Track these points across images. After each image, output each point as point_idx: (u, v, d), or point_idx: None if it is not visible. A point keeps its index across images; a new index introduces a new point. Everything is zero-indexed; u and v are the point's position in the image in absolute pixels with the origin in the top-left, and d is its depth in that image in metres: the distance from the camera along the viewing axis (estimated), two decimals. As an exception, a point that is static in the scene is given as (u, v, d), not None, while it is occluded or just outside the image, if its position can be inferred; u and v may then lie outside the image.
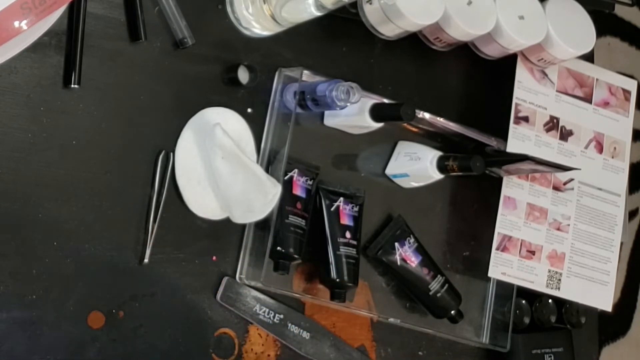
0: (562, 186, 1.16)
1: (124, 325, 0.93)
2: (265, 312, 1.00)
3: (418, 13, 1.00)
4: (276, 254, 0.99)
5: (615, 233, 1.19)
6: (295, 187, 1.01)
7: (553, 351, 1.16)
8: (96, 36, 0.92)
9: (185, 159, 0.96)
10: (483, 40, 1.10)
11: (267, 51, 1.02)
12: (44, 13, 0.82)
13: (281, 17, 0.97)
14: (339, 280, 1.02)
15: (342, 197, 1.04)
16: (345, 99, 0.97)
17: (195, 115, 0.97)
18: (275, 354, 1.02)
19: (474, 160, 1.04)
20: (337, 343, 1.04)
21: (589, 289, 1.16)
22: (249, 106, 1.01)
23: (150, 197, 0.94)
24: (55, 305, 0.89)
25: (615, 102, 1.21)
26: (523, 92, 1.14)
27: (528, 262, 1.13)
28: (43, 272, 0.89)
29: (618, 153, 1.20)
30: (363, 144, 1.08)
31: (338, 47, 1.07)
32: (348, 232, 1.03)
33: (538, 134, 1.14)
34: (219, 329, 0.99)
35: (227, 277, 0.99)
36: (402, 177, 1.09)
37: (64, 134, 0.90)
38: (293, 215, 1.00)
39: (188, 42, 0.95)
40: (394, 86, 1.11)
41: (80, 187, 0.91)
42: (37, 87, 0.89)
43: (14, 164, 0.88)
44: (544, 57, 1.12)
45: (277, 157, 1.00)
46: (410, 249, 1.08)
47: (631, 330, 2.13)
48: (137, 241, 0.94)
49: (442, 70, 1.15)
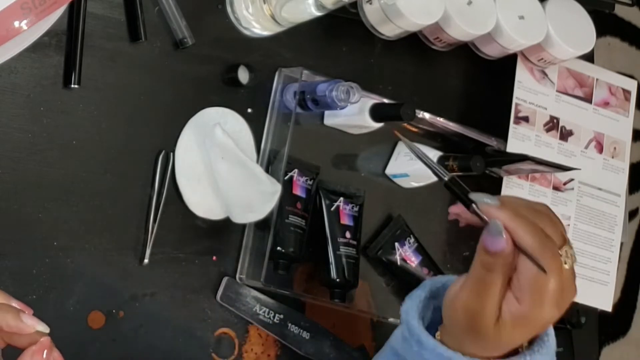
0: (562, 186, 1.16)
1: (124, 325, 0.93)
2: (265, 312, 1.00)
3: (418, 13, 1.01)
4: (276, 254, 0.99)
5: (615, 233, 1.19)
6: (295, 187, 1.01)
7: (553, 351, 1.16)
8: (96, 36, 0.92)
9: (185, 159, 0.96)
10: (483, 40, 1.10)
11: (267, 51, 1.02)
12: (44, 13, 0.82)
13: (281, 17, 0.97)
14: (339, 280, 1.02)
15: (342, 197, 1.04)
16: (345, 99, 0.97)
17: (195, 115, 0.97)
18: (275, 354, 1.02)
19: (474, 160, 1.04)
20: (337, 343, 1.04)
21: (589, 289, 1.16)
22: (249, 106, 1.01)
23: (150, 197, 0.94)
24: (55, 305, 0.89)
25: (615, 102, 1.21)
26: (523, 92, 1.14)
27: (528, 262, 1.12)
28: (43, 272, 0.89)
29: (618, 153, 1.20)
30: (363, 144, 1.08)
31: (338, 47, 1.07)
32: (348, 232, 1.03)
33: (538, 134, 1.14)
34: (219, 329, 0.99)
35: (227, 277, 0.99)
36: (402, 177, 1.09)
37: (64, 134, 0.90)
38: (293, 215, 1.00)
39: (188, 42, 0.95)
40: (394, 86, 1.11)
41: (80, 187, 0.91)
42: (37, 87, 0.89)
43: (14, 164, 0.88)
44: (544, 57, 1.12)
45: (277, 157, 1.00)
46: (410, 249, 1.08)
47: (631, 330, 2.14)
48: (137, 241, 0.94)
49: (442, 70, 1.15)
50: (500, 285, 0.72)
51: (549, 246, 0.71)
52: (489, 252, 0.72)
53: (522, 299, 0.72)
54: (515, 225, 0.72)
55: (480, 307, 0.73)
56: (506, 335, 0.73)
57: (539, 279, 0.71)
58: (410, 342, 0.78)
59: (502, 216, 0.72)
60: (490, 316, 0.73)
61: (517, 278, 0.72)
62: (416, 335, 0.78)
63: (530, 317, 0.72)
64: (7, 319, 0.68)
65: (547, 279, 0.71)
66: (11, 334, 0.68)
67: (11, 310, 0.69)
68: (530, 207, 0.75)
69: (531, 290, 0.71)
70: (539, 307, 0.72)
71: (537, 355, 0.76)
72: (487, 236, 0.72)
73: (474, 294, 0.73)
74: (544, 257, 0.71)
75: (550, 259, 0.71)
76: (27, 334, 0.68)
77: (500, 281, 0.72)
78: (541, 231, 0.72)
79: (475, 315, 0.73)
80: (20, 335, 0.68)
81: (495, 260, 0.72)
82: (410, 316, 0.79)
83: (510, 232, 0.72)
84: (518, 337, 0.74)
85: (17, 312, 0.68)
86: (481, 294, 0.73)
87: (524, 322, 0.72)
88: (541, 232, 0.72)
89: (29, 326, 0.68)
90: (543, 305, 0.72)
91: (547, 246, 0.71)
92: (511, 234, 0.72)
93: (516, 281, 0.72)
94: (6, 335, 0.69)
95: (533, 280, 0.71)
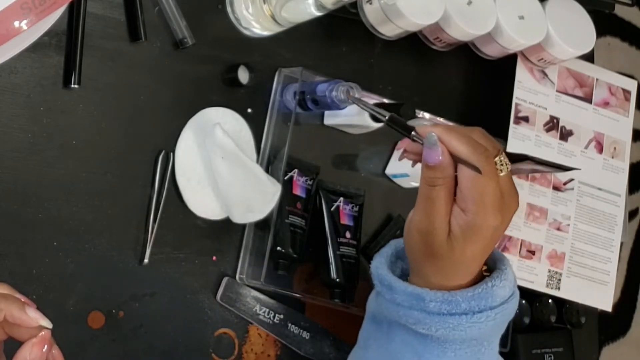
0: (562, 186, 1.16)
1: (124, 325, 0.93)
2: (265, 312, 1.00)
3: (418, 13, 1.01)
4: (276, 254, 0.99)
5: (615, 233, 1.19)
6: (295, 187, 1.01)
7: (553, 351, 1.16)
8: (96, 36, 0.92)
9: (185, 159, 0.96)
10: (483, 40, 1.10)
11: (267, 51, 1.02)
12: (44, 13, 0.82)
13: (281, 17, 0.97)
14: (339, 280, 1.02)
15: (342, 197, 1.04)
16: (345, 99, 0.97)
17: (195, 115, 0.97)
18: (275, 354, 1.02)
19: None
20: (337, 343, 1.04)
21: (589, 289, 1.16)
22: (249, 106, 1.01)
23: (150, 197, 0.94)
24: (55, 305, 0.89)
25: (615, 102, 1.21)
26: (523, 92, 1.14)
27: (528, 262, 1.13)
28: (43, 272, 0.89)
29: (618, 153, 1.20)
30: (363, 144, 1.08)
31: (338, 47, 1.07)
32: (348, 232, 1.03)
33: (538, 134, 1.14)
34: (219, 329, 0.99)
35: (227, 277, 0.99)
36: (402, 177, 1.09)
37: (64, 134, 0.90)
38: (293, 215, 1.00)
39: (188, 42, 0.95)
40: (394, 86, 1.11)
41: (80, 187, 0.91)
42: (37, 87, 0.89)
43: (14, 164, 0.88)
44: (544, 57, 1.12)
45: (277, 157, 1.00)
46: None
47: (631, 330, 2.14)
48: (137, 241, 0.94)
49: (442, 70, 1.15)
50: (445, 199, 0.78)
51: (481, 151, 0.77)
52: (428, 165, 0.77)
53: (466, 208, 0.77)
54: (449, 137, 0.77)
55: (430, 225, 0.78)
56: (459, 249, 0.78)
57: (478, 184, 0.76)
58: (382, 293, 0.83)
59: (437, 130, 0.77)
60: (440, 232, 0.78)
61: (459, 190, 0.77)
62: (387, 282, 0.83)
63: (476, 225, 0.77)
64: (11, 310, 0.68)
65: (485, 183, 0.76)
66: (13, 325, 0.69)
67: (16, 302, 0.69)
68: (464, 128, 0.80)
69: (472, 197, 0.76)
70: (482, 212, 0.76)
71: (497, 281, 0.80)
72: (425, 151, 0.77)
73: (423, 213, 0.78)
74: (478, 161, 0.76)
75: (485, 162, 0.76)
76: (29, 327, 0.68)
77: (444, 194, 0.77)
78: (473, 140, 0.77)
79: (427, 234, 0.78)
80: (22, 327, 0.68)
81: (435, 173, 0.77)
82: (379, 269, 0.84)
83: (445, 144, 0.77)
84: (470, 249, 0.78)
85: (22, 304, 0.69)
86: (429, 211, 0.78)
87: (472, 231, 0.77)
88: (473, 140, 0.77)
89: (32, 319, 0.69)
90: (486, 210, 0.76)
91: (479, 151, 0.76)
92: (446, 145, 0.77)
93: (459, 193, 0.77)
94: (8, 327, 0.69)
95: (472, 186, 0.76)
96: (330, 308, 1.04)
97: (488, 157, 0.77)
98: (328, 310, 1.04)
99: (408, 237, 0.81)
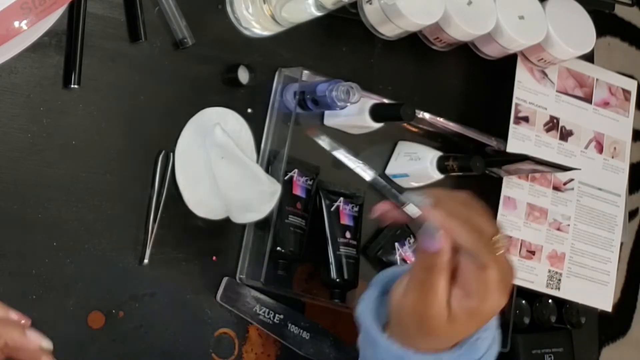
0: (562, 186, 1.16)
1: (124, 325, 0.93)
2: (265, 312, 1.00)
3: (418, 13, 1.01)
4: (276, 254, 0.99)
5: (615, 233, 1.19)
6: (295, 187, 1.01)
7: (553, 351, 1.16)
8: (96, 36, 0.92)
9: (185, 159, 0.96)
10: (483, 40, 1.10)
11: (267, 51, 1.02)
12: (44, 13, 0.82)
13: (281, 17, 0.97)
14: (339, 280, 1.02)
15: (342, 197, 1.04)
16: (345, 99, 0.97)
17: (195, 115, 0.97)
18: (275, 354, 1.02)
19: (474, 160, 1.04)
20: (337, 343, 1.04)
21: (589, 289, 1.16)
22: (249, 106, 1.00)
23: (150, 197, 0.94)
24: (55, 305, 0.89)
25: (615, 102, 1.21)
26: (523, 92, 1.14)
27: (528, 262, 1.13)
28: (43, 272, 0.89)
29: (618, 153, 1.20)
30: (363, 144, 1.08)
31: (338, 47, 1.07)
32: (348, 232, 1.03)
33: (538, 134, 1.14)
34: (219, 329, 0.99)
35: (227, 277, 0.99)
36: (402, 177, 1.09)
37: (64, 134, 0.90)
38: (293, 215, 1.00)
39: (188, 42, 0.95)
40: (394, 86, 1.11)
41: (80, 187, 0.91)
42: (37, 87, 0.89)
43: (14, 164, 0.88)
44: (544, 57, 1.12)
45: (277, 157, 1.00)
46: (410, 249, 1.08)
47: (631, 330, 2.14)
48: (137, 241, 0.94)
49: (442, 70, 1.15)
50: (444, 284, 0.75)
51: (483, 241, 0.75)
52: (428, 252, 0.75)
53: (470, 294, 0.75)
54: (451, 224, 0.75)
55: (429, 310, 0.76)
56: (461, 329, 0.77)
57: (482, 274, 0.74)
58: (366, 343, 0.82)
59: (437, 216, 0.75)
60: (440, 316, 0.75)
61: (461, 274, 0.75)
62: (371, 337, 0.81)
63: (483, 310, 0.75)
64: (12, 335, 0.70)
65: (488, 273, 0.74)
66: (14, 348, 0.69)
67: (17, 327, 0.71)
68: (456, 199, 0.77)
69: (476, 286, 0.74)
70: (488, 299, 0.75)
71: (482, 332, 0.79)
72: (424, 237, 0.75)
73: (420, 297, 0.76)
74: (481, 253, 0.74)
75: (487, 253, 0.74)
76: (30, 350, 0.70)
77: (443, 280, 0.75)
78: (475, 227, 0.75)
79: (424, 317, 0.76)
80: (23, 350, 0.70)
81: (434, 260, 0.75)
82: (364, 318, 0.82)
83: (447, 232, 0.74)
84: (472, 328, 0.77)
85: (21, 328, 0.71)
86: (427, 296, 0.75)
87: (477, 315, 0.76)
88: (475, 228, 0.75)
89: (33, 342, 0.70)
90: (492, 295, 0.75)
91: (482, 241, 0.74)
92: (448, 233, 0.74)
93: (461, 277, 0.75)
94: (8, 349, 0.70)
95: (476, 276, 0.74)
96: (330, 308, 1.04)
97: (488, 245, 0.74)
98: (328, 310, 1.04)
99: (400, 316, 0.78)
